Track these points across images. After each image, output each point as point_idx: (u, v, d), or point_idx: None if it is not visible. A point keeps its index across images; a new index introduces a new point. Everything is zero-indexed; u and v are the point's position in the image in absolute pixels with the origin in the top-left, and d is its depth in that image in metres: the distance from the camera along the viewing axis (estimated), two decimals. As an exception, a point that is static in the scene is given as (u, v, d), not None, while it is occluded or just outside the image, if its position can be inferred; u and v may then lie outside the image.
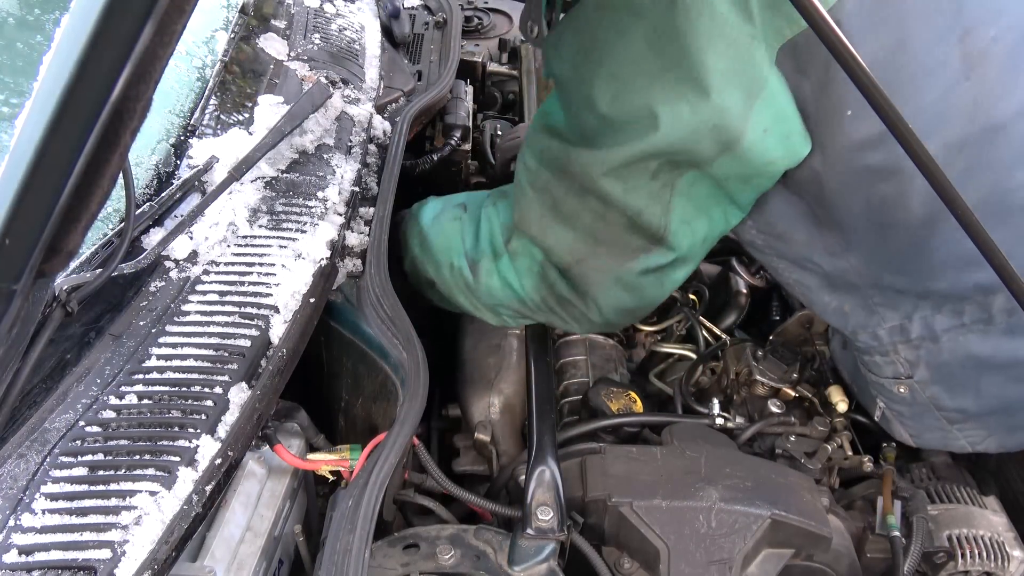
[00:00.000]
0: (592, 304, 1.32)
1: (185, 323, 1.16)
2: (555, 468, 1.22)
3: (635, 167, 1.13)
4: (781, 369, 1.50)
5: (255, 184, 1.42)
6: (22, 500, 0.92)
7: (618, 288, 1.28)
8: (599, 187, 1.17)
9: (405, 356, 1.22)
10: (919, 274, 1.17)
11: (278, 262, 1.27)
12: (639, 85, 1.09)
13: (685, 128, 1.07)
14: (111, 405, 1.04)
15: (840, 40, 0.73)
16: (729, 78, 1.04)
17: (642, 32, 1.07)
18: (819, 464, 1.41)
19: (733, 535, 1.18)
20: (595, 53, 1.13)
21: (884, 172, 1.07)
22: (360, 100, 1.71)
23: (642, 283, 1.28)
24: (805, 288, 1.32)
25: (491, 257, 1.36)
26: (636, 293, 1.30)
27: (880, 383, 1.33)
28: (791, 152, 1.10)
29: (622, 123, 1.11)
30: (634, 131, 1.10)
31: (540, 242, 1.29)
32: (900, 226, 1.12)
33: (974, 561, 1.34)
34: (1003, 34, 1.01)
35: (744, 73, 1.04)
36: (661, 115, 1.07)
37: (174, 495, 0.96)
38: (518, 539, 1.14)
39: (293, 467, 1.17)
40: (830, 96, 1.05)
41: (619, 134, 1.12)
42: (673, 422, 1.42)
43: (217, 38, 1.72)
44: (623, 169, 1.14)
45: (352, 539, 0.99)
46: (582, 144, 1.18)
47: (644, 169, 1.14)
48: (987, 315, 1.16)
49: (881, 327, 1.26)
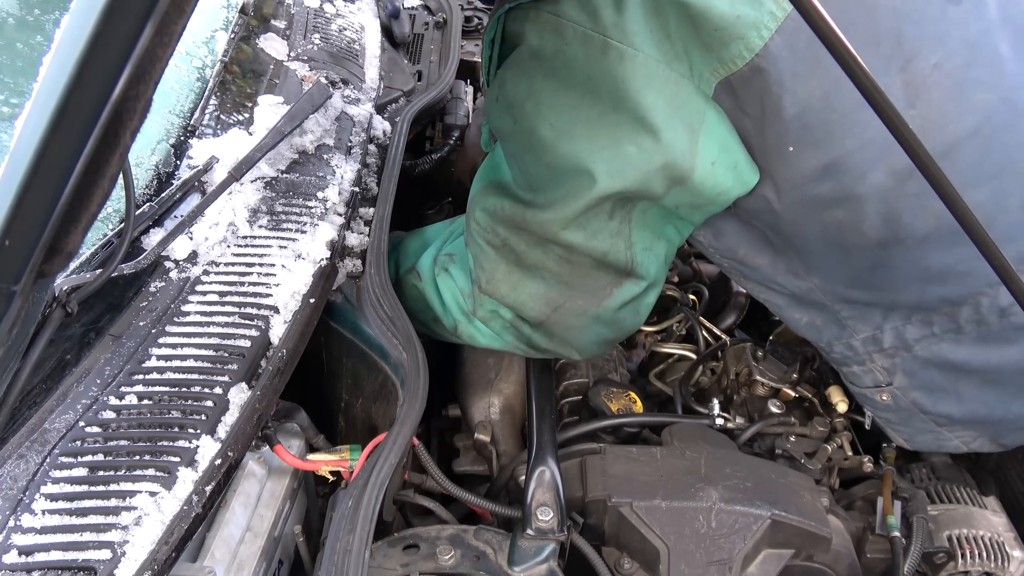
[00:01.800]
0: (571, 346, 1.32)
1: (185, 323, 1.16)
2: (555, 468, 1.22)
3: (591, 213, 1.14)
4: (781, 369, 1.50)
5: (255, 184, 1.42)
6: (22, 500, 0.92)
7: (597, 325, 1.28)
8: (561, 239, 1.17)
9: (405, 356, 1.22)
10: (883, 289, 1.18)
11: (278, 262, 1.28)
12: (578, 133, 1.09)
13: (633, 170, 1.08)
14: (111, 405, 1.04)
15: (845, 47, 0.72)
16: (670, 114, 1.05)
17: (577, 80, 1.07)
18: (819, 464, 1.41)
19: (733, 535, 1.18)
20: (531, 103, 1.12)
21: (835, 200, 1.09)
22: (360, 100, 1.71)
23: (620, 316, 1.28)
24: (775, 306, 1.34)
25: (465, 321, 1.34)
26: (615, 326, 1.30)
27: (863, 394, 1.33)
28: (740, 182, 1.12)
29: (567, 173, 1.11)
30: (581, 180, 1.10)
31: (513, 300, 1.27)
32: (857, 248, 1.13)
33: (974, 561, 1.34)
34: (945, 60, 1.02)
35: (682, 108, 1.05)
36: (598, 164, 1.07)
37: (174, 496, 0.96)
38: (518, 539, 1.14)
39: (293, 467, 1.17)
40: (770, 132, 1.06)
41: (567, 184, 1.12)
42: (673, 422, 1.42)
43: (217, 38, 1.72)
44: (580, 219, 1.14)
45: (352, 539, 0.99)
46: (532, 197, 1.17)
47: (600, 212, 1.14)
48: (956, 325, 1.17)
49: (854, 338, 1.27)
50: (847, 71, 0.70)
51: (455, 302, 1.34)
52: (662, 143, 1.05)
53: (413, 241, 1.50)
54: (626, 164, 1.07)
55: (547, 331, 1.29)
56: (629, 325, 1.32)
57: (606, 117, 1.06)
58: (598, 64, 1.05)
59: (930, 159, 0.77)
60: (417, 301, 1.39)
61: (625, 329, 1.33)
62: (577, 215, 1.13)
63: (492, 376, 1.52)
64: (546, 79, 1.10)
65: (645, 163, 1.07)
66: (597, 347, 1.35)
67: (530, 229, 1.18)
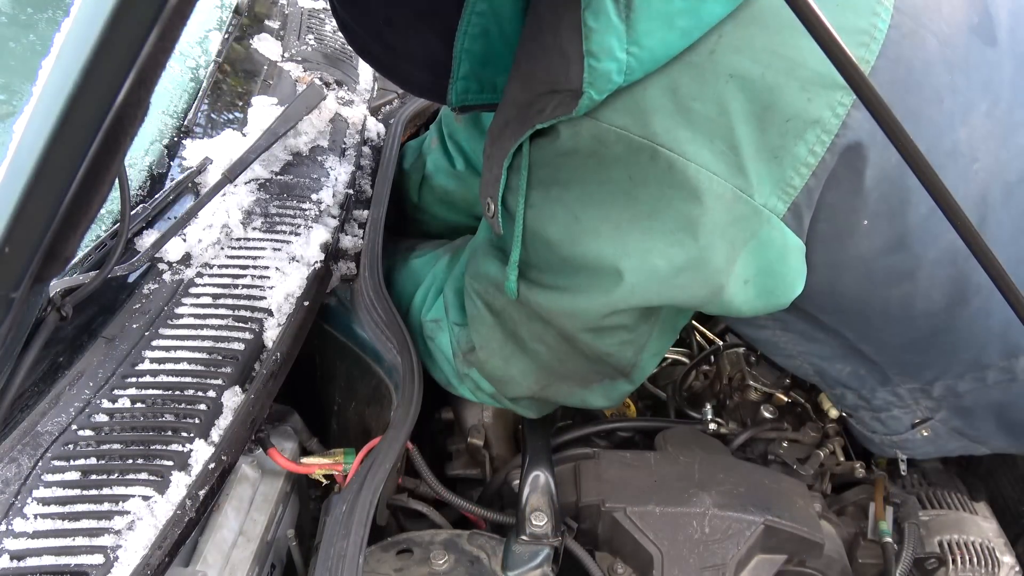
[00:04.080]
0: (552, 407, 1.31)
1: (178, 326, 1.16)
2: (549, 473, 1.22)
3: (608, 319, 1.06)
4: (774, 374, 1.50)
5: (249, 186, 1.41)
6: (14, 504, 0.91)
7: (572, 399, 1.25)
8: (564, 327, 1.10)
9: (399, 360, 1.21)
10: (942, 353, 1.15)
11: (272, 265, 1.27)
12: (605, 232, 0.99)
13: (658, 283, 1.00)
14: (104, 408, 1.03)
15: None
16: (711, 230, 0.96)
17: (614, 177, 0.97)
18: (811, 470, 1.41)
19: (726, 541, 1.18)
20: (557, 190, 1.01)
21: (905, 272, 1.04)
22: (354, 102, 1.70)
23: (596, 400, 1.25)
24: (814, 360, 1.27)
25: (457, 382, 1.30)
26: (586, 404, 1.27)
27: (903, 440, 1.31)
28: (770, 304, 1.05)
29: (586, 268, 1.03)
30: (599, 282, 1.02)
31: (503, 373, 1.21)
32: (921, 316, 1.09)
33: (965, 567, 1.35)
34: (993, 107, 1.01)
35: (730, 226, 0.96)
36: (624, 268, 1.00)
37: (167, 500, 0.95)
38: (512, 544, 1.14)
39: (287, 471, 1.16)
40: (843, 212, 0.99)
41: (586, 278, 1.04)
42: (667, 427, 1.42)
43: (211, 38, 1.71)
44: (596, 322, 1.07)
45: (346, 544, 0.98)
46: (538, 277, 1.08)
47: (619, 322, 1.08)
48: (1011, 376, 1.14)
49: (901, 387, 1.24)
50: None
51: (445, 367, 1.30)
52: (694, 259, 0.98)
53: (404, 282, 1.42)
54: (652, 276, 1.00)
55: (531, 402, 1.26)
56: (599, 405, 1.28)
57: (639, 222, 0.98)
58: (641, 169, 0.95)
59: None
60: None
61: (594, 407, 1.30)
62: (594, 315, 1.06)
63: (485, 379, 1.51)
64: (576, 171, 0.99)
65: (673, 273, 0.99)
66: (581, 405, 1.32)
67: (533, 309, 1.10)
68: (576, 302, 1.05)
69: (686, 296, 1.02)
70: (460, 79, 1.18)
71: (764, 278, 1.01)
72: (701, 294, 1.01)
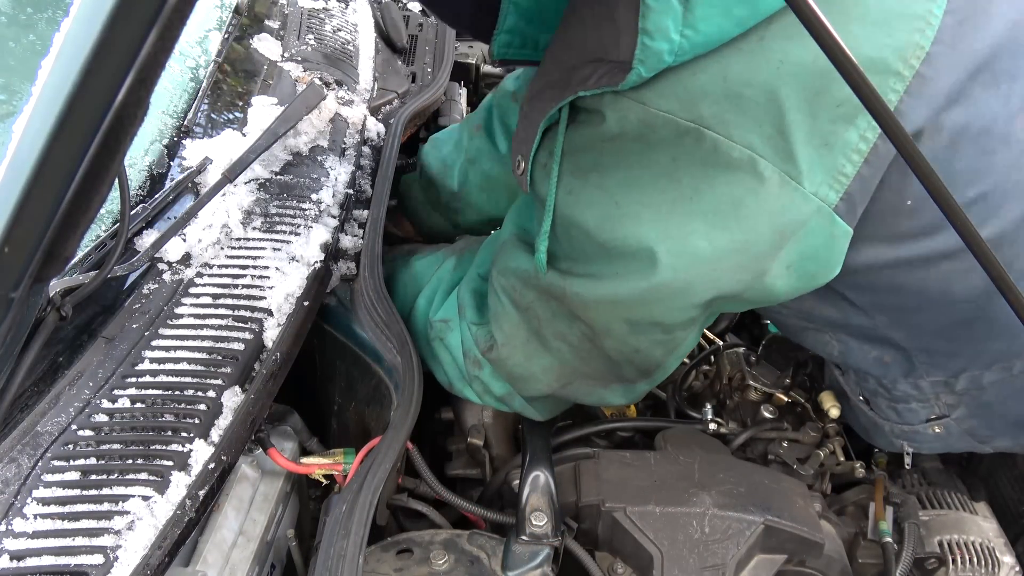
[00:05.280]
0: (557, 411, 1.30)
1: (178, 326, 1.16)
2: (549, 473, 1.22)
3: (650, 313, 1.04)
4: (774, 374, 1.50)
5: (249, 186, 1.41)
6: (13, 505, 0.91)
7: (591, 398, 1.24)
8: (596, 320, 1.07)
9: (399, 360, 1.21)
10: (974, 341, 1.15)
11: (272, 265, 1.27)
12: (646, 216, 0.98)
13: (698, 265, 0.98)
14: (104, 409, 1.03)
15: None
16: (758, 215, 0.95)
17: (657, 160, 0.96)
18: (811, 470, 1.41)
19: (726, 541, 1.18)
20: (596, 175, 1.01)
21: (948, 252, 1.03)
22: (354, 102, 1.70)
23: (614, 399, 1.24)
24: (838, 342, 1.26)
25: (461, 384, 1.30)
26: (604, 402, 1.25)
27: (912, 431, 1.31)
28: (809, 285, 1.04)
29: (625, 254, 1.01)
30: (641, 263, 1.00)
31: (523, 370, 1.19)
32: (959, 301, 1.08)
33: (965, 567, 1.35)
34: None
35: (778, 214, 0.95)
36: (661, 250, 0.98)
37: (167, 500, 0.95)
38: (512, 544, 1.14)
39: (286, 471, 1.16)
40: (890, 191, 0.98)
41: (622, 264, 1.02)
42: (667, 427, 1.42)
43: (211, 38, 1.71)
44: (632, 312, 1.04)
45: (346, 544, 0.98)
46: (571, 267, 1.07)
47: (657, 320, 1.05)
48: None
49: (924, 379, 1.23)
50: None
51: (450, 370, 1.29)
52: (738, 242, 0.96)
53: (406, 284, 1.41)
54: (693, 259, 0.98)
55: (546, 402, 1.24)
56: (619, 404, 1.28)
57: (681, 205, 0.96)
58: (686, 151, 0.94)
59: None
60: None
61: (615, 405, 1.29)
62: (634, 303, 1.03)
63: (485, 379, 1.51)
64: (618, 156, 0.99)
65: (714, 260, 0.98)
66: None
67: (566, 302, 1.08)
68: (616, 288, 1.03)
69: (728, 281, 1.00)
70: (504, 31, 1.19)
71: (807, 263, 1.00)
72: (744, 279, 1.00)
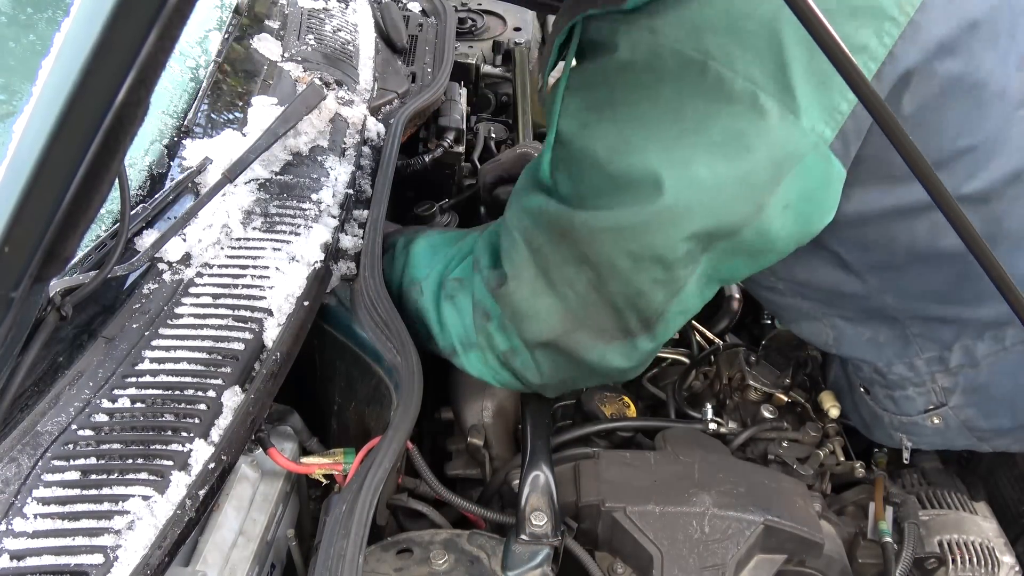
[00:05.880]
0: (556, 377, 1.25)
1: (178, 326, 1.16)
2: (549, 473, 1.22)
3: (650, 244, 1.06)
4: (774, 374, 1.50)
5: (249, 186, 1.41)
6: (13, 504, 0.91)
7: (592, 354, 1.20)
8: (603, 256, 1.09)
9: (399, 360, 1.21)
10: (964, 303, 1.16)
11: (272, 265, 1.27)
12: (652, 148, 1.02)
13: (700, 190, 1.02)
14: (104, 408, 1.03)
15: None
16: (756, 145, 0.99)
17: (663, 95, 1.01)
18: (811, 470, 1.41)
19: (726, 541, 1.19)
20: (609, 110, 1.06)
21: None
22: (354, 102, 1.70)
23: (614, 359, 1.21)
24: (832, 323, 1.28)
25: (461, 351, 1.28)
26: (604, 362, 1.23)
27: (910, 422, 1.32)
28: (804, 231, 1.07)
29: (631, 183, 1.04)
30: (646, 189, 1.03)
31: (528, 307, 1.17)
32: (947, 255, 1.10)
33: (965, 567, 1.35)
34: None
35: (775, 146, 0.99)
36: (666, 177, 1.01)
37: (167, 499, 0.95)
38: (512, 544, 1.14)
39: (286, 470, 1.16)
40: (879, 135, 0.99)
41: (628, 192, 1.05)
42: (666, 427, 1.42)
43: (211, 38, 1.71)
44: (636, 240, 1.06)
45: (346, 544, 0.98)
46: (581, 201, 1.10)
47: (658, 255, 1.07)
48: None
49: (918, 357, 1.25)
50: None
51: (456, 330, 1.28)
52: (738, 171, 1.00)
53: (423, 250, 1.41)
54: (694, 186, 1.01)
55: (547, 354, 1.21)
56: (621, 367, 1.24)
57: (685, 138, 1.01)
58: (691, 84, 0.99)
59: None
60: (416, 315, 1.34)
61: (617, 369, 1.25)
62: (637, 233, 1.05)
63: (485, 379, 1.51)
64: (629, 90, 1.04)
65: (714, 189, 1.01)
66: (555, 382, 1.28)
67: (573, 236, 1.10)
68: (621, 216, 1.05)
69: (727, 211, 1.03)
70: None
71: (804, 204, 1.03)
72: (742, 211, 1.02)
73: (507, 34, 2.47)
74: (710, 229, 1.04)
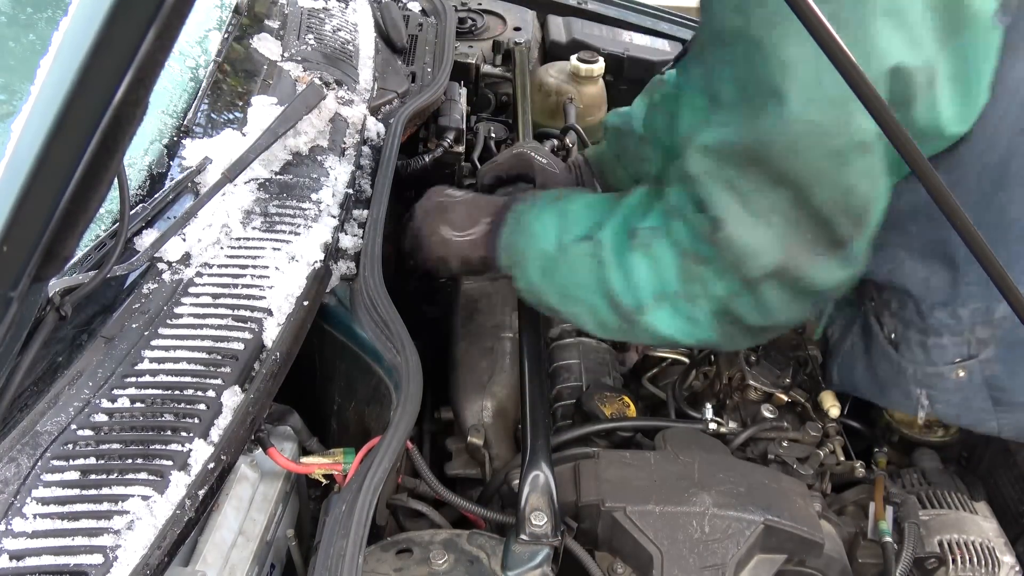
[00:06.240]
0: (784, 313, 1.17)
1: (178, 326, 1.15)
2: (549, 473, 1.22)
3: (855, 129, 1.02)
4: (774, 374, 1.50)
5: (248, 186, 1.41)
6: (13, 504, 0.91)
7: (815, 273, 1.13)
8: (800, 164, 1.05)
9: (399, 360, 1.21)
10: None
11: (272, 264, 1.27)
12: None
13: (878, 59, 1.00)
14: (103, 408, 1.03)
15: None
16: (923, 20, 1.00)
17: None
18: (811, 469, 1.41)
19: (726, 540, 1.18)
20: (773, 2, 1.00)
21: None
22: (354, 102, 1.70)
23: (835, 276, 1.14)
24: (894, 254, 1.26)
25: (653, 305, 1.19)
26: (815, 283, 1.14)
27: (936, 372, 1.30)
28: (965, 117, 1.08)
29: (807, 62, 1.00)
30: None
31: (748, 240, 1.10)
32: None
33: (965, 567, 1.35)
34: None
35: (946, 13, 1.01)
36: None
37: (167, 499, 0.95)
38: (512, 544, 1.14)
39: (286, 470, 1.16)
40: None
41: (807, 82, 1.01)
42: (667, 427, 1.42)
43: (210, 38, 1.71)
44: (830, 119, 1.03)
45: (346, 544, 0.98)
46: (761, 104, 1.05)
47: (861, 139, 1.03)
48: None
49: (964, 307, 1.24)
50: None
51: (648, 282, 1.19)
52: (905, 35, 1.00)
53: (580, 207, 1.31)
54: (873, 51, 0.99)
55: (772, 286, 1.13)
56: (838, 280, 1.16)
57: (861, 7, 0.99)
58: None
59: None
60: (587, 275, 1.23)
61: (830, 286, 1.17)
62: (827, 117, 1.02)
63: (485, 379, 1.52)
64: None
65: (886, 53, 1.00)
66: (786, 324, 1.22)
67: (765, 155, 1.06)
68: (809, 109, 1.02)
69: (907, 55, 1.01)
70: None
71: (963, 78, 1.05)
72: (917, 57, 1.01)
73: (507, 34, 2.47)
74: (894, 65, 1.02)
